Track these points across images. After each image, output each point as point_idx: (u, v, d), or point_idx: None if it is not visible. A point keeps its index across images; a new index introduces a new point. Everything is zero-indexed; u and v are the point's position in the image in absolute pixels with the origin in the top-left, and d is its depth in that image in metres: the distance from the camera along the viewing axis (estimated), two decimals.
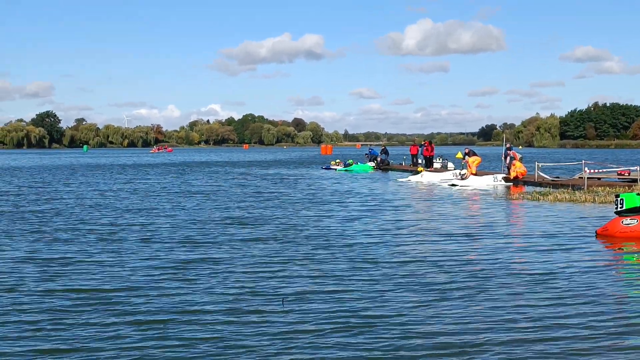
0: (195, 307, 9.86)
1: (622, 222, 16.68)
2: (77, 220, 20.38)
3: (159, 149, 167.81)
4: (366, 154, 62.00)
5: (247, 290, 10.89)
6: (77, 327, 8.84)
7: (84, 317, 9.30)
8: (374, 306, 9.89)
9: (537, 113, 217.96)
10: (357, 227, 18.68)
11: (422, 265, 13.08)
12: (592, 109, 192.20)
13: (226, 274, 12.17)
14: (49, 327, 8.87)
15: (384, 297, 10.45)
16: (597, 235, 16.92)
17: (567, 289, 11.08)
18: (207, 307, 9.87)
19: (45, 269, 12.76)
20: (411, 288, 11.10)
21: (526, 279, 11.87)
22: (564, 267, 12.91)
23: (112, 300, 10.27)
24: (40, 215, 22.13)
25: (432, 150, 52.43)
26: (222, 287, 11.15)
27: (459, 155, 50.43)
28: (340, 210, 23.34)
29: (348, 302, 10.08)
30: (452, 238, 16.79)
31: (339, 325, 8.89)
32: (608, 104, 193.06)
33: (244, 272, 12.33)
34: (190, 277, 11.90)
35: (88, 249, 15.10)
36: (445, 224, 19.55)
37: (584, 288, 11.14)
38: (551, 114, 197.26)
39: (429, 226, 19.15)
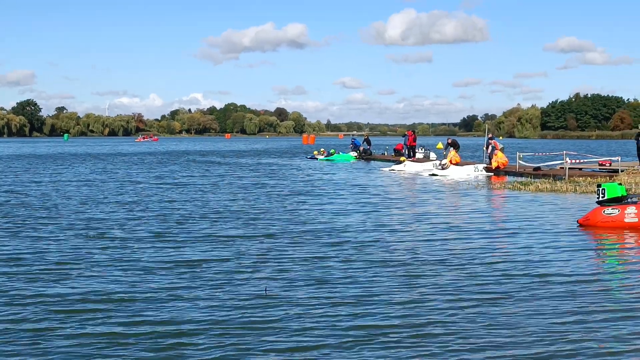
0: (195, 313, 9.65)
1: (604, 211, 16.72)
2: (67, 217, 19.66)
3: (144, 138, 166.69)
4: (350, 144, 62.11)
5: (254, 299, 9.93)
6: (65, 339, 8.16)
7: (71, 328, 8.58)
8: (397, 317, 9.41)
9: (519, 104, 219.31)
10: (348, 222, 17.58)
11: (410, 264, 13.00)
12: (573, 99, 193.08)
13: (225, 275, 11.55)
14: (33, 340, 8.02)
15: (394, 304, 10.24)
16: (579, 225, 16.96)
17: (548, 279, 11.05)
18: (201, 314, 9.67)
19: (29, 270, 11.81)
20: (407, 287, 11.00)
21: (507, 269, 11.83)
22: (545, 257, 12.90)
23: (90, 308, 9.83)
24: (26, 211, 21.80)
25: (414, 140, 52.41)
26: (220, 292, 10.40)
27: (440, 145, 50.54)
28: (329, 203, 22.37)
29: (366, 311, 9.21)
30: (432, 231, 16.75)
31: (358, 339, 8.03)
32: (589, 95, 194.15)
33: (254, 278, 11.29)
34: (183, 277, 11.21)
35: (72, 248, 14.57)
36: (426, 216, 19.55)
37: (566, 278, 11.12)
38: (532, 104, 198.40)
39: (412, 220, 19.09)
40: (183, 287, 10.40)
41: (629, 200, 16.94)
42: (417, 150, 52.34)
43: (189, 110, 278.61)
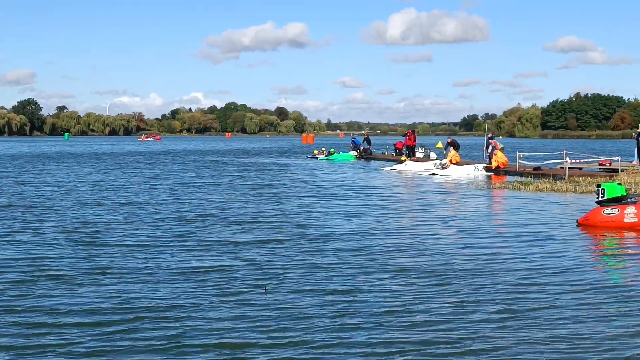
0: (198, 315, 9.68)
1: (603, 211, 16.76)
2: (74, 222, 19.52)
3: (147, 137, 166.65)
4: (351, 144, 62.26)
5: (266, 309, 9.31)
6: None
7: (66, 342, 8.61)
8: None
9: (519, 103, 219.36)
10: (357, 226, 16.89)
11: (410, 265, 13.03)
12: (573, 99, 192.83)
13: (242, 284, 10.90)
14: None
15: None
16: (579, 224, 17.01)
17: (548, 279, 11.12)
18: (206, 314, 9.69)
19: (24, 278, 11.20)
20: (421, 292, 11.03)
21: (507, 269, 11.90)
22: (545, 257, 12.96)
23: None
24: (36, 215, 21.57)
25: (414, 140, 52.33)
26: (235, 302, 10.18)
27: (439, 145, 50.57)
28: (336, 205, 21.49)
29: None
30: (434, 230, 16.83)
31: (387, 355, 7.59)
32: (589, 95, 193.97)
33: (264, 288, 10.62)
34: (186, 285, 10.87)
35: (74, 255, 14.55)
36: (427, 215, 19.62)
37: (565, 278, 11.18)
38: (533, 104, 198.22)
39: (415, 223, 19.10)
40: (186, 296, 10.09)
41: (629, 200, 16.99)
42: (417, 150, 52.31)
43: (190, 109, 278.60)
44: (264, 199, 23.53)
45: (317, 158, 57.02)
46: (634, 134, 36.08)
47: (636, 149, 35.12)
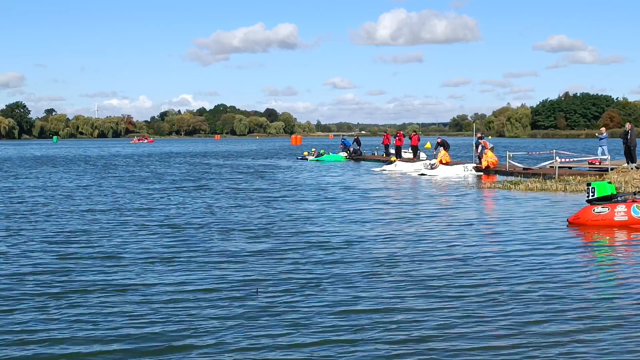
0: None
1: (594, 210, 16.78)
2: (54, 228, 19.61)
3: (139, 140, 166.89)
4: (341, 145, 62.29)
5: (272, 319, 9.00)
6: None
7: None
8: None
9: (508, 103, 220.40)
10: (356, 233, 16.28)
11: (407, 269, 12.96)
12: (562, 99, 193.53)
13: (238, 297, 10.27)
14: None
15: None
16: (569, 223, 17.02)
17: (538, 278, 11.10)
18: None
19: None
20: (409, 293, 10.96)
21: (498, 268, 11.88)
22: (536, 257, 12.94)
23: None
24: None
25: (417, 140, 51.86)
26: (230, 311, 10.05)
27: (428, 145, 50.53)
28: (332, 210, 20.73)
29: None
30: (424, 230, 16.81)
31: None
32: (578, 94, 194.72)
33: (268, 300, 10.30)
34: (184, 295, 10.25)
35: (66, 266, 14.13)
36: (417, 216, 19.60)
37: (556, 277, 11.17)
38: (522, 104, 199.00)
39: (402, 224, 19.09)
40: (188, 309, 9.58)
41: (619, 198, 17.01)
42: (405, 150, 52.13)
43: (179, 111, 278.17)
44: (259, 203, 22.89)
45: (307, 159, 56.97)
46: (597, 134, 36.51)
47: (602, 148, 35.10)
